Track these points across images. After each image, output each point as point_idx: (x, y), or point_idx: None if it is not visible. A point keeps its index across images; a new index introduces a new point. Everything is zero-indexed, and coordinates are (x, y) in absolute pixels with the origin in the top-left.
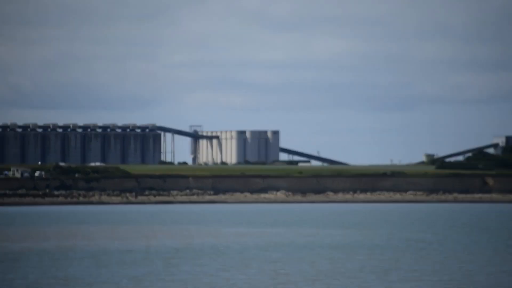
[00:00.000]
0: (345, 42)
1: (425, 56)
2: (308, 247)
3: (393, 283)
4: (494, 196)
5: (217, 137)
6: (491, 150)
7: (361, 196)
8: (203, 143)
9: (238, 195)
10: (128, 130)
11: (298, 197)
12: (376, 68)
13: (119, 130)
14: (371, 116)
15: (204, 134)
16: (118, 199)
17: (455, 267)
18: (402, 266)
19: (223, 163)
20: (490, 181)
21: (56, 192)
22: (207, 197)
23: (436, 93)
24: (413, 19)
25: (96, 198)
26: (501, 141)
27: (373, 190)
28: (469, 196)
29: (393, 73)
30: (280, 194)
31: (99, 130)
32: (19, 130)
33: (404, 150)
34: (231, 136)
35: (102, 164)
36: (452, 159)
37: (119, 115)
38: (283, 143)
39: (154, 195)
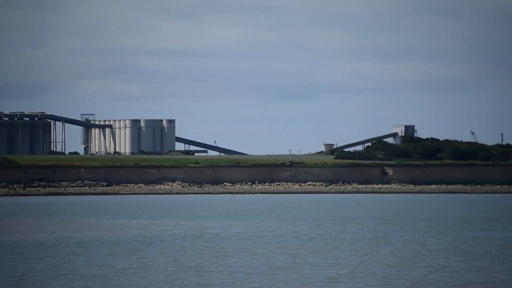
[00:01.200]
0: (242, 30)
1: (324, 45)
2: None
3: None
4: (394, 186)
5: (110, 126)
6: (390, 140)
7: (259, 187)
8: (95, 132)
9: (132, 186)
10: (16, 118)
11: (195, 188)
12: (274, 56)
13: (6, 119)
14: (269, 105)
15: (97, 123)
16: (5, 190)
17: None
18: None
19: (116, 153)
20: (390, 171)
21: None
22: (100, 189)
23: (335, 82)
24: (311, 7)
25: None
26: (400, 131)
27: (271, 180)
28: (368, 187)
29: (291, 62)
30: (176, 185)
31: None
32: None
33: (303, 140)
34: (125, 125)
35: None
36: (351, 149)
37: (7, 103)
38: (179, 133)
39: (44, 187)
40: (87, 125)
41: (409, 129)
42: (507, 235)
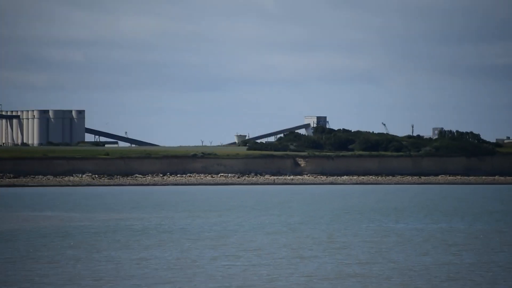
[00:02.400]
0: (153, 21)
1: (236, 36)
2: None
3: None
4: (306, 177)
5: (17, 117)
6: (302, 131)
7: (171, 178)
8: (2, 123)
9: (40, 178)
10: None
11: (105, 179)
12: (186, 47)
13: None
14: (181, 96)
15: (3, 113)
16: None
17: None
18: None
19: (24, 144)
20: (302, 162)
21: None
22: (7, 180)
23: (247, 73)
24: None
25: None
26: (313, 122)
27: (183, 172)
28: (281, 178)
29: (203, 53)
30: (86, 177)
31: None
32: None
33: (215, 131)
34: (33, 116)
35: None
36: (263, 140)
37: None
38: (88, 124)
39: None
40: None
41: (321, 120)
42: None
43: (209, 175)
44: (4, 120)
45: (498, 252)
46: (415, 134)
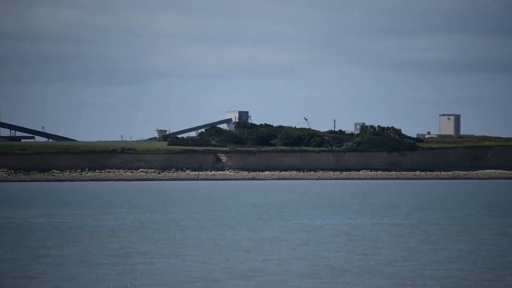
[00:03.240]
0: (71, 13)
1: (157, 29)
2: None
3: None
4: (227, 172)
5: None
6: (224, 126)
7: (90, 174)
8: None
9: None
10: None
11: (21, 175)
12: (104, 40)
13: None
14: (100, 90)
15: None
16: None
17: None
18: None
19: None
20: (223, 158)
21: None
22: None
23: (167, 66)
24: None
25: None
26: (234, 117)
27: (102, 167)
28: (202, 174)
29: (122, 46)
30: (1, 173)
31: None
32: None
33: (135, 126)
34: None
35: None
36: (184, 135)
37: None
38: (4, 118)
39: None
40: None
41: (243, 115)
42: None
43: (129, 171)
44: None
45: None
46: (337, 129)
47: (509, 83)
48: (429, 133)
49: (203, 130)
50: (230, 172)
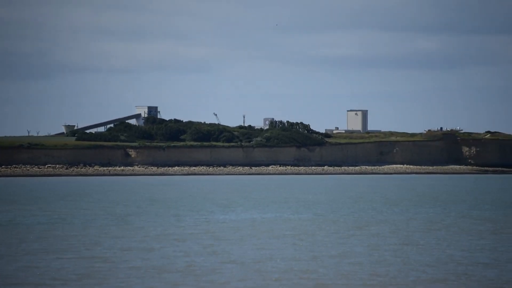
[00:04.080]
0: None
1: (65, 23)
2: None
3: None
4: (137, 168)
5: None
6: (133, 121)
7: None
8: None
9: None
10: None
11: None
12: (10, 34)
13: None
14: (5, 85)
15: None
16: None
17: None
18: None
19: None
20: (132, 153)
21: None
22: None
23: (75, 61)
24: None
25: None
26: (144, 112)
27: (8, 163)
28: (111, 169)
29: (29, 40)
30: None
31: None
32: None
33: (42, 121)
34: None
35: None
36: (93, 130)
37: None
38: None
39: None
40: None
41: (152, 110)
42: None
43: (36, 167)
44: None
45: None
46: (246, 125)
47: (415, 79)
48: (337, 128)
49: (112, 125)
50: (139, 167)
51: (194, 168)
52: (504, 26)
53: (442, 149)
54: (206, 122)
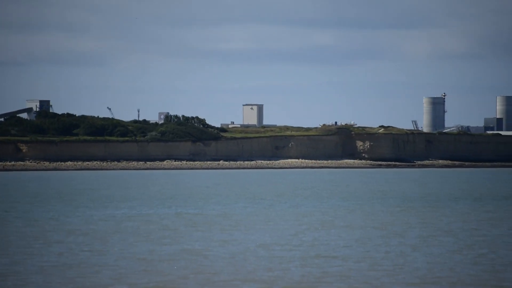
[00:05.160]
0: None
1: None
2: None
3: None
4: (28, 163)
5: None
6: (24, 115)
7: None
8: None
9: None
10: None
11: None
12: None
13: None
14: None
15: None
16: None
17: None
18: None
19: None
20: (24, 148)
21: None
22: None
23: None
24: None
25: None
26: (35, 106)
27: None
28: (1, 164)
29: None
30: None
31: None
32: None
33: None
34: None
35: None
36: None
37: None
38: None
39: None
40: None
41: (45, 104)
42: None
43: None
44: None
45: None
46: (141, 119)
47: (310, 74)
48: (232, 123)
49: (1, 119)
50: (31, 162)
51: (87, 163)
52: (397, 22)
53: (337, 144)
54: (100, 117)
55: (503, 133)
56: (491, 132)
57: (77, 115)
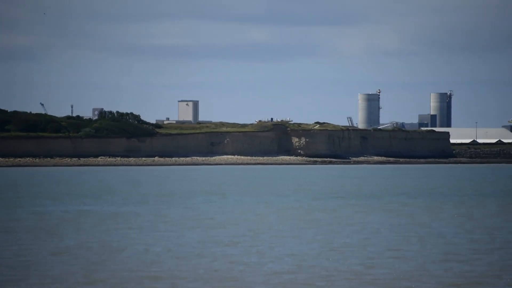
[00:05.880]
0: None
1: None
2: None
3: None
4: None
5: None
6: None
7: None
8: None
9: None
10: None
11: None
12: None
13: None
14: None
15: None
16: None
17: None
18: None
19: None
20: None
21: None
22: None
23: None
24: None
25: None
26: None
27: None
28: None
29: None
30: None
31: None
32: None
33: None
34: None
35: None
36: None
37: None
38: None
39: None
40: None
41: None
42: None
43: None
44: None
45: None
46: (74, 115)
47: (246, 70)
48: (168, 119)
49: None
50: None
51: (19, 159)
52: (332, 18)
53: (273, 140)
54: (32, 112)
55: (437, 129)
56: (425, 128)
57: (8, 111)
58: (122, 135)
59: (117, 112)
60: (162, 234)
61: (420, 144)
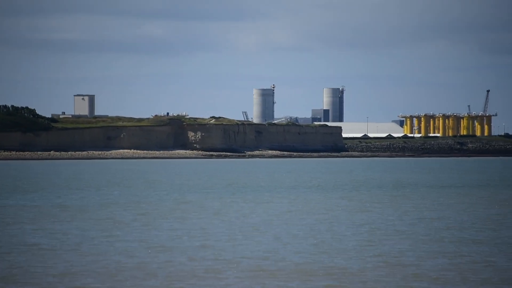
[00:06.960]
0: None
1: None
2: None
3: None
4: None
5: None
6: None
7: None
8: None
9: None
10: None
11: None
12: None
13: None
14: None
15: None
16: None
17: None
18: None
19: None
20: None
21: None
22: None
23: None
24: None
25: None
26: None
27: None
28: None
29: None
30: None
31: None
32: None
33: None
34: None
35: None
36: None
37: None
38: None
39: None
40: None
41: None
42: None
43: None
44: None
45: None
46: None
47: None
48: (63, 113)
49: None
50: None
51: None
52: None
53: (169, 134)
54: None
55: (329, 124)
56: (318, 123)
57: None
58: (17, 129)
59: (12, 106)
60: None
61: (313, 138)
